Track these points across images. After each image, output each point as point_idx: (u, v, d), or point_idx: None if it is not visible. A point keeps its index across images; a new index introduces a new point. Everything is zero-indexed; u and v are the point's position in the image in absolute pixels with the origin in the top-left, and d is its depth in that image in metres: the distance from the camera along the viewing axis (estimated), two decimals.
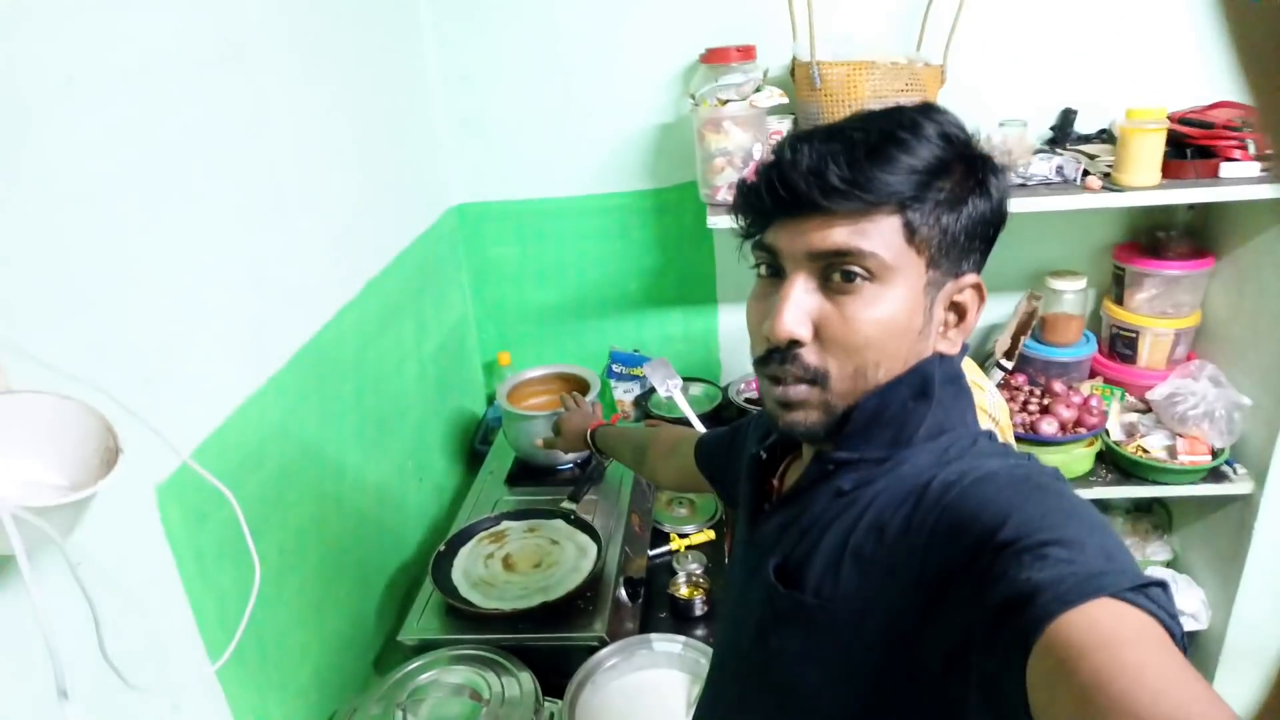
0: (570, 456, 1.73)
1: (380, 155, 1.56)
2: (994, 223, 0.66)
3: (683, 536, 1.69)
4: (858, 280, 0.62)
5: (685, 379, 2.10)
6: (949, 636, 0.55)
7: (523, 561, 1.46)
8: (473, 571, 1.44)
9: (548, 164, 1.97)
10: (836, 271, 0.62)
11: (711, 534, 1.70)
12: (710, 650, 1.24)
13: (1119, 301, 1.83)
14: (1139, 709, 0.40)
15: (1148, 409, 1.82)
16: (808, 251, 0.62)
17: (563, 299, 2.09)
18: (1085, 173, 1.63)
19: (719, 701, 0.84)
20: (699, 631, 1.47)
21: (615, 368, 2.09)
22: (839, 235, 0.61)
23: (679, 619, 1.51)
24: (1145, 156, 1.55)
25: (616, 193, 1.97)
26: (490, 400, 2.18)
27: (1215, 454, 1.72)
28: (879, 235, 0.61)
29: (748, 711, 0.75)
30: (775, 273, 0.67)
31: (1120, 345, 1.83)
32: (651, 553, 1.64)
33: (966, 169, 0.63)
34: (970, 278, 0.67)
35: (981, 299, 0.69)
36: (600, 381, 1.83)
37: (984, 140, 0.65)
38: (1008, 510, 0.55)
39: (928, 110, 0.63)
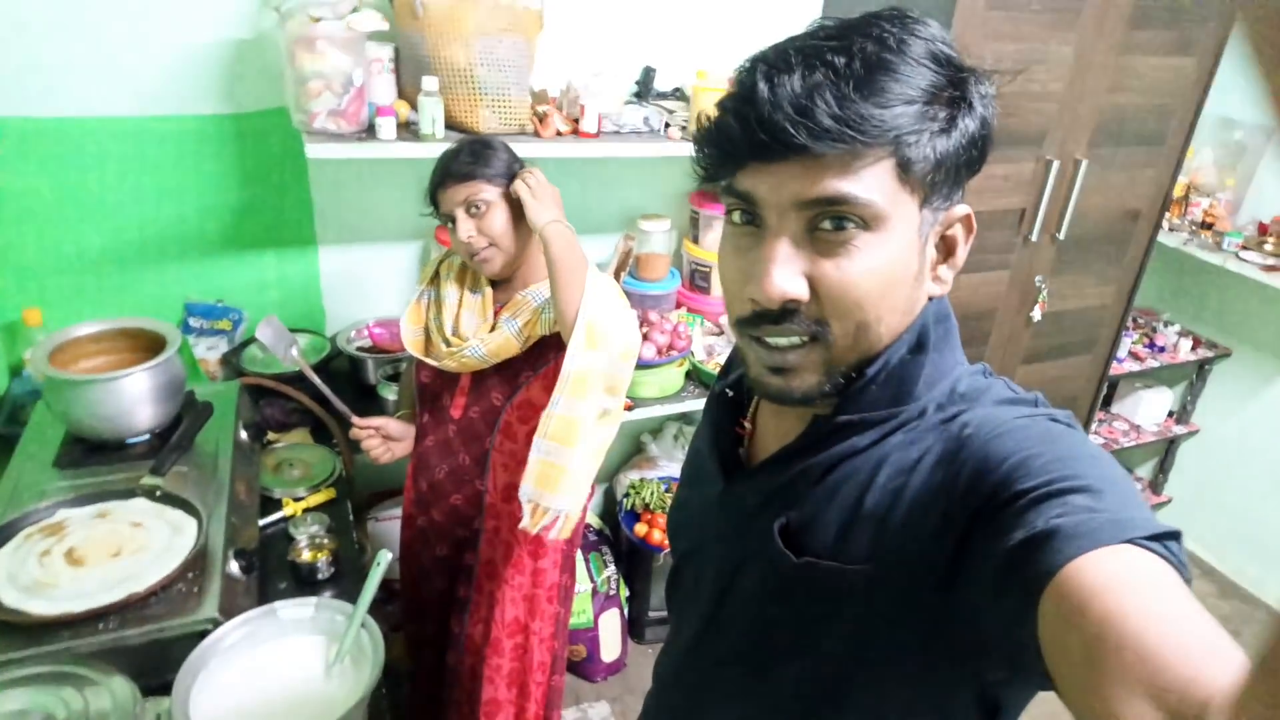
0: (148, 425, 1.45)
1: None
2: (981, 141, 0.59)
3: (297, 500, 1.54)
4: (850, 229, 0.55)
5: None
6: (970, 592, 0.53)
7: (95, 553, 1.20)
8: (22, 575, 1.14)
9: (89, 75, 1.59)
10: (826, 219, 0.55)
11: (332, 492, 1.59)
12: (348, 607, 1.16)
13: (695, 241, 2.10)
14: (1150, 647, 0.40)
15: (721, 332, 2.13)
16: (795, 200, 0.55)
17: (117, 242, 1.73)
18: (666, 124, 1.82)
19: (690, 679, 0.78)
20: (328, 594, 1.36)
21: (193, 321, 1.80)
22: (831, 182, 0.54)
23: (303, 585, 1.39)
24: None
25: (182, 115, 1.68)
26: (15, 370, 1.73)
27: None
28: (873, 179, 0.54)
29: (748, 684, 0.69)
30: (750, 221, 0.59)
31: (698, 279, 2.11)
32: (263, 521, 1.47)
33: (955, 89, 0.56)
34: (961, 209, 0.61)
35: (971, 230, 0.63)
36: (179, 338, 1.56)
37: (957, 49, 0.57)
38: (1026, 459, 0.52)
39: (908, 23, 0.56)
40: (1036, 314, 2.23)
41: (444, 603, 1.64)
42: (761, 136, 0.53)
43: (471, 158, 1.35)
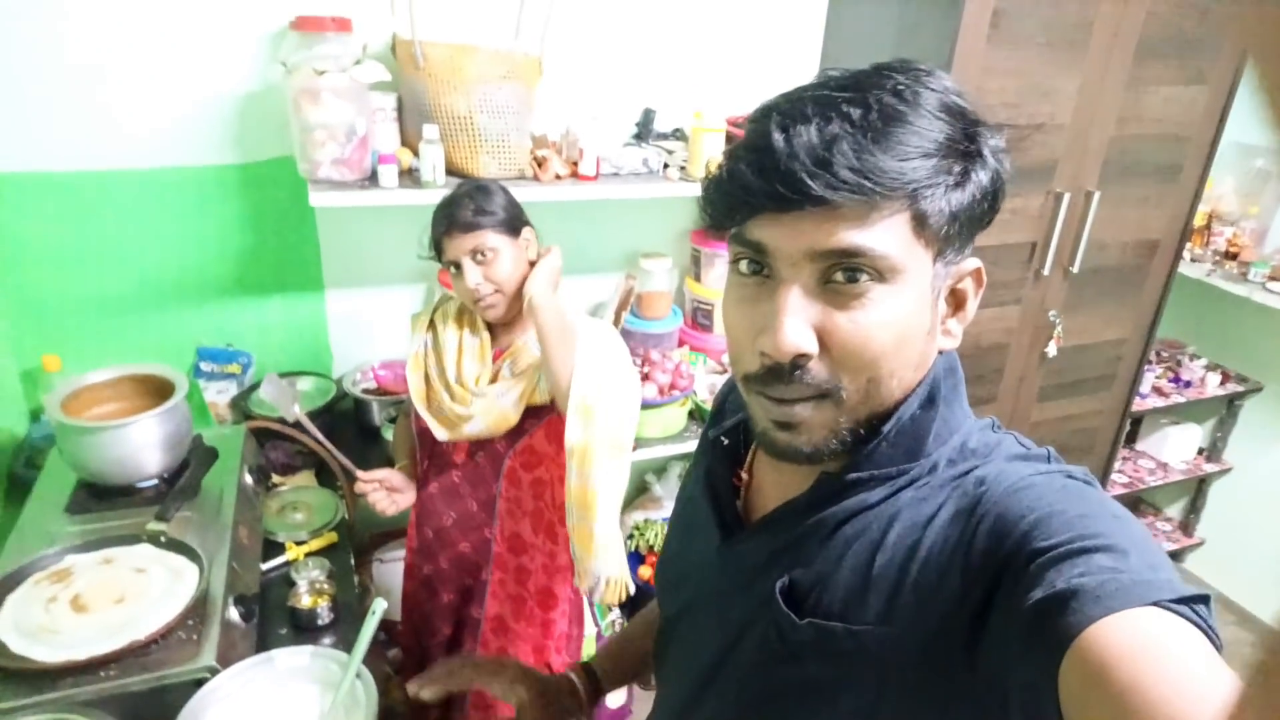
0: (156, 470, 1.48)
1: None
2: (993, 195, 0.58)
3: (300, 544, 1.56)
4: (864, 281, 0.54)
5: (294, 373, 1.94)
6: (990, 653, 0.52)
7: (99, 599, 1.22)
8: (28, 621, 1.17)
9: (101, 131, 1.65)
10: (839, 271, 0.55)
11: (334, 536, 1.60)
12: (344, 657, 1.16)
13: (698, 279, 2.10)
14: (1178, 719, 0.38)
15: (724, 370, 2.12)
16: (809, 251, 0.54)
17: (131, 289, 1.78)
18: (665, 165, 1.83)
19: None
20: (327, 640, 1.37)
21: (204, 366, 1.84)
22: (846, 234, 0.53)
23: (303, 631, 1.39)
24: (709, 152, 1.79)
25: (193, 166, 1.73)
26: (35, 416, 1.78)
27: None
28: (888, 232, 0.54)
29: None
30: (759, 271, 0.58)
31: (700, 317, 2.11)
32: (265, 566, 1.49)
33: (969, 142, 0.56)
34: (971, 263, 0.61)
35: (980, 284, 0.62)
36: (188, 382, 1.59)
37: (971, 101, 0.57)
38: (1046, 517, 0.51)
39: (920, 76, 0.55)
40: (1052, 349, 2.19)
41: (448, 652, 1.64)
42: (778, 187, 0.53)
43: (475, 207, 1.37)
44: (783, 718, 0.64)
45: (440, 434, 1.47)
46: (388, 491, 1.53)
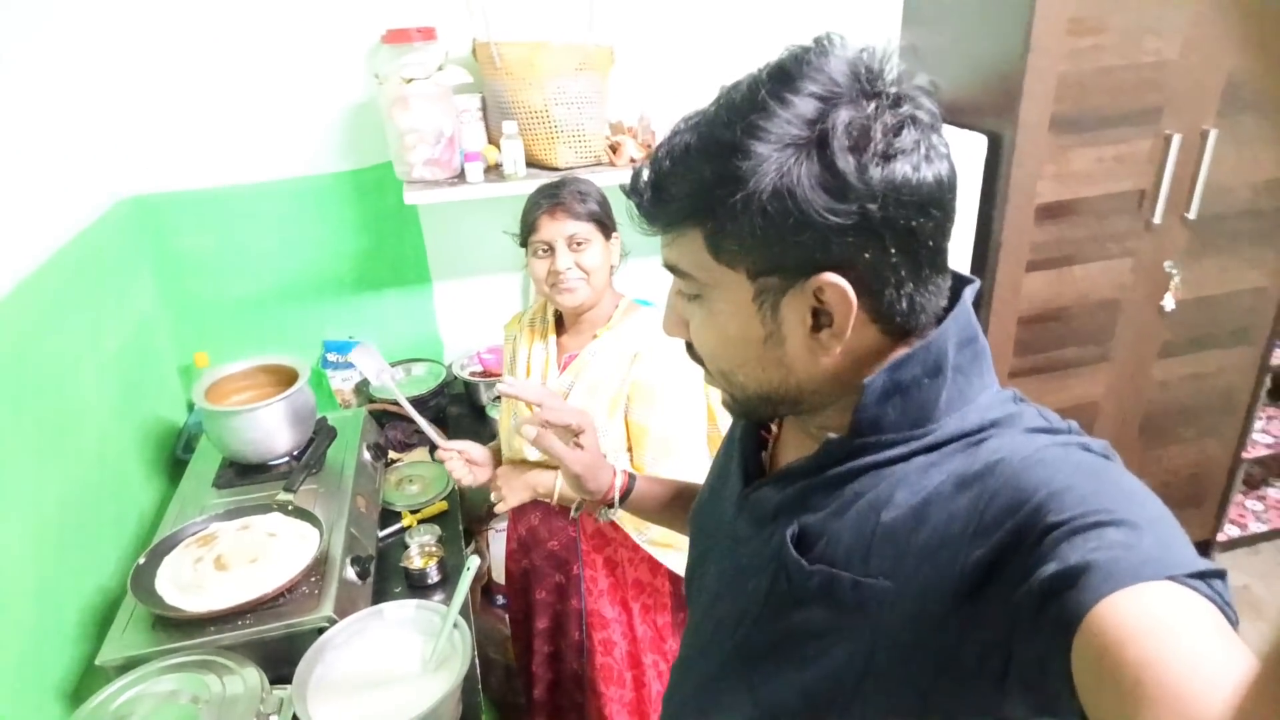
0: (286, 448, 1.66)
1: (19, 146, 1.40)
2: (798, 216, 0.55)
3: (413, 512, 1.71)
4: (691, 290, 0.64)
5: (409, 360, 2.10)
6: (991, 624, 0.52)
7: (237, 560, 1.39)
8: (180, 578, 1.36)
9: (232, 150, 1.87)
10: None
11: (444, 505, 1.73)
12: (444, 609, 1.28)
13: None
14: (1191, 699, 0.37)
15: None
16: (665, 262, 0.65)
17: (266, 289, 2.00)
18: None
19: (698, 676, 0.79)
20: (436, 597, 1.50)
21: (330, 356, 2.03)
22: (666, 252, 0.64)
23: (414, 589, 1.53)
24: None
25: (313, 175, 1.92)
26: (192, 407, 2.03)
27: None
28: (690, 254, 0.62)
29: (754, 684, 0.70)
30: None
31: None
32: (382, 532, 1.64)
33: (734, 176, 0.55)
34: (825, 278, 0.57)
35: (845, 301, 0.58)
36: (312, 370, 1.78)
37: (837, 122, 0.55)
38: (1060, 490, 0.51)
39: (762, 105, 0.56)
40: (1169, 302, 2.05)
41: (550, 641, 1.73)
42: (635, 207, 0.64)
43: (579, 195, 1.42)
44: (777, 663, 0.67)
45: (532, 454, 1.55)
46: (466, 462, 1.55)
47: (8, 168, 1.35)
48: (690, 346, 0.69)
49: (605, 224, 1.44)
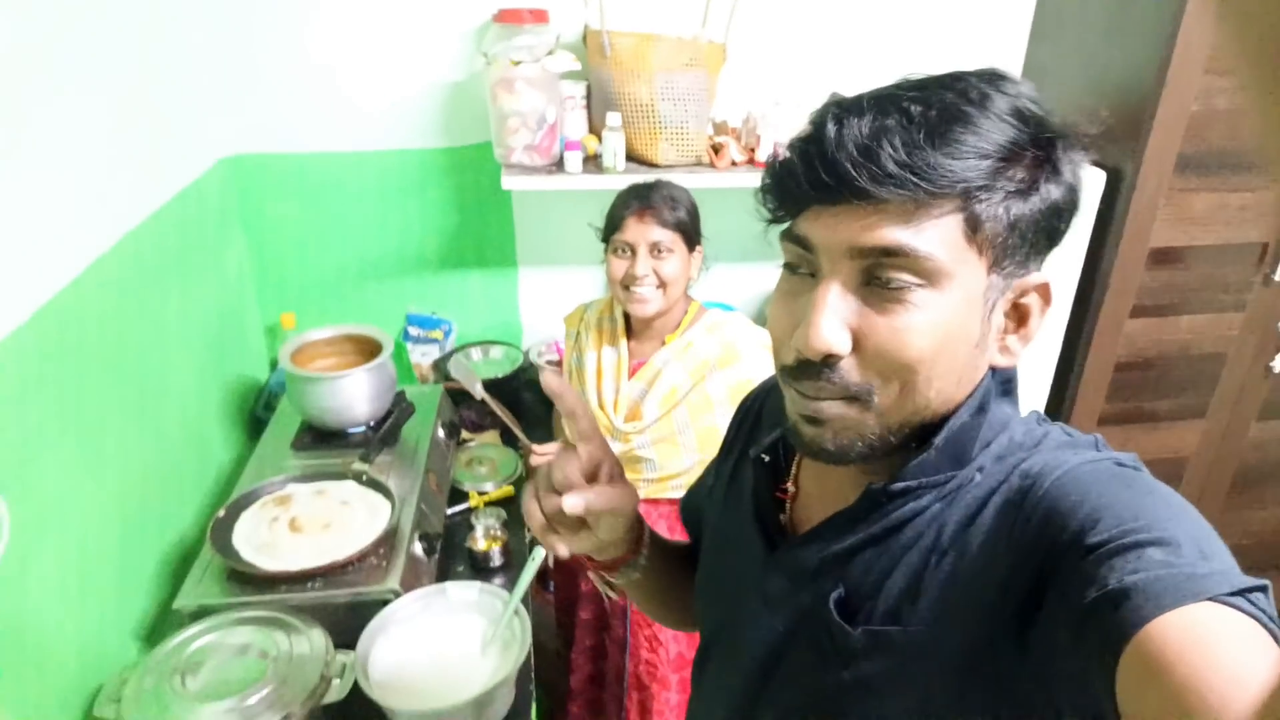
0: (364, 418, 1.68)
1: (134, 100, 1.43)
2: (1066, 211, 0.55)
3: (481, 494, 1.71)
4: (907, 283, 0.53)
5: (487, 342, 2.11)
6: (1042, 649, 0.51)
7: (311, 524, 1.41)
8: (256, 536, 1.38)
9: (332, 117, 1.89)
10: (883, 271, 0.53)
11: (510, 489, 1.74)
12: (505, 594, 1.28)
13: None
14: (1238, 716, 0.37)
15: None
16: (850, 247, 0.53)
17: (354, 259, 2.02)
18: None
19: None
20: (497, 580, 1.51)
21: (412, 330, 2.05)
22: (890, 231, 0.52)
23: (477, 570, 1.54)
24: None
25: (410, 149, 1.93)
26: (274, 366, 2.07)
27: None
28: (936, 232, 0.52)
29: None
30: (807, 267, 0.57)
31: None
32: (450, 510, 1.65)
33: (1041, 151, 0.53)
34: (1035, 278, 0.57)
35: (1047, 302, 0.58)
36: (394, 343, 1.80)
37: (1059, 117, 0.55)
38: (1096, 508, 0.50)
39: (996, 80, 0.54)
40: (1278, 364, 1.95)
41: (591, 660, 1.73)
42: (824, 177, 0.52)
43: (671, 202, 1.40)
44: (839, 716, 0.64)
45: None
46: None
47: (122, 121, 1.39)
48: (826, 368, 0.56)
49: (691, 235, 1.42)
